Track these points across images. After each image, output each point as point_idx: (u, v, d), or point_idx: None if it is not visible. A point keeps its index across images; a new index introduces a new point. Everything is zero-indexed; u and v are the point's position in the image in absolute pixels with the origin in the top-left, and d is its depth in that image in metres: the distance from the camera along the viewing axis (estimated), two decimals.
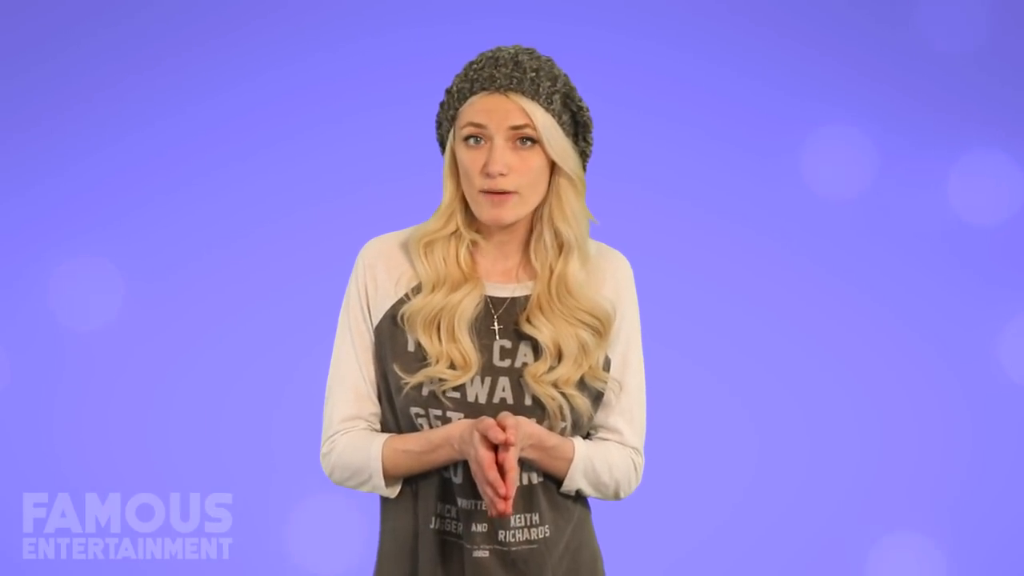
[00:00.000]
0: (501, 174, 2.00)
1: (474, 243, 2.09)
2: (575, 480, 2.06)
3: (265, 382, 3.72)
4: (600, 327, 2.06)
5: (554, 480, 2.07)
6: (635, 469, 2.12)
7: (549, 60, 2.07)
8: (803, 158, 3.80)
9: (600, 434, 2.12)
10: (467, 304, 2.04)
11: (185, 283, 3.73)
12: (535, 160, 2.03)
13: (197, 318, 3.73)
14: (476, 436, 1.94)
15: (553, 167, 2.05)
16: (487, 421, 1.94)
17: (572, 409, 2.04)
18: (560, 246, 2.06)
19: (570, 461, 2.05)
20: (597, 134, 2.10)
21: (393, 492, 2.08)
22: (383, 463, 2.05)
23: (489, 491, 1.93)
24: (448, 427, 2.01)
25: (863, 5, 3.80)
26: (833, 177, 3.80)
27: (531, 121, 2.01)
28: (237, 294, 3.73)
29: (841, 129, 3.80)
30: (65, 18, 3.73)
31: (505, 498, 1.92)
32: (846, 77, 3.80)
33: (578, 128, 2.07)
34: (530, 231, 2.09)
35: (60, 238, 3.72)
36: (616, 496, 2.12)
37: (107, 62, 3.73)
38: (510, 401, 2.02)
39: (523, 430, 1.98)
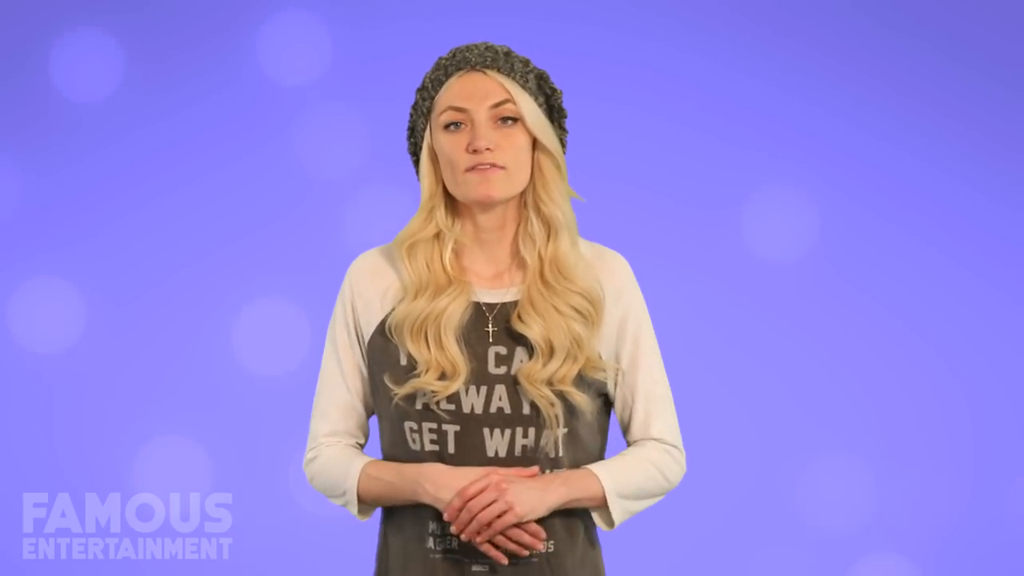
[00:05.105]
0: (488, 148, 1.97)
1: (461, 247, 2.05)
2: (616, 502, 2.02)
3: (265, 382, 3.72)
4: (591, 312, 2.01)
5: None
6: (669, 455, 2.07)
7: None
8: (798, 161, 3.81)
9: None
10: (453, 309, 1.99)
11: (186, 282, 3.73)
12: (518, 137, 2.00)
13: (196, 318, 3.73)
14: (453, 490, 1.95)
15: (534, 148, 2.03)
16: (471, 489, 1.93)
17: (571, 411, 2.00)
18: (548, 229, 2.03)
19: (600, 490, 2.01)
20: (592, 132, 2.09)
21: (364, 517, 2.07)
22: (358, 485, 2.03)
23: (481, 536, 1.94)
24: (423, 466, 1.98)
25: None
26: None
27: (511, 96, 1.99)
28: (238, 291, 3.74)
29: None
30: (24, 31, 3.75)
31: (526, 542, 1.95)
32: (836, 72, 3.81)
33: (553, 113, 2.05)
34: (516, 226, 2.05)
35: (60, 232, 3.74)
36: (670, 484, 2.07)
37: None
38: (507, 411, 1.98)
39: (515, 489, 1.95)
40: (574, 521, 2.04)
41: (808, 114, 3.80)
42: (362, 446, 2.12)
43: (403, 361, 2.01)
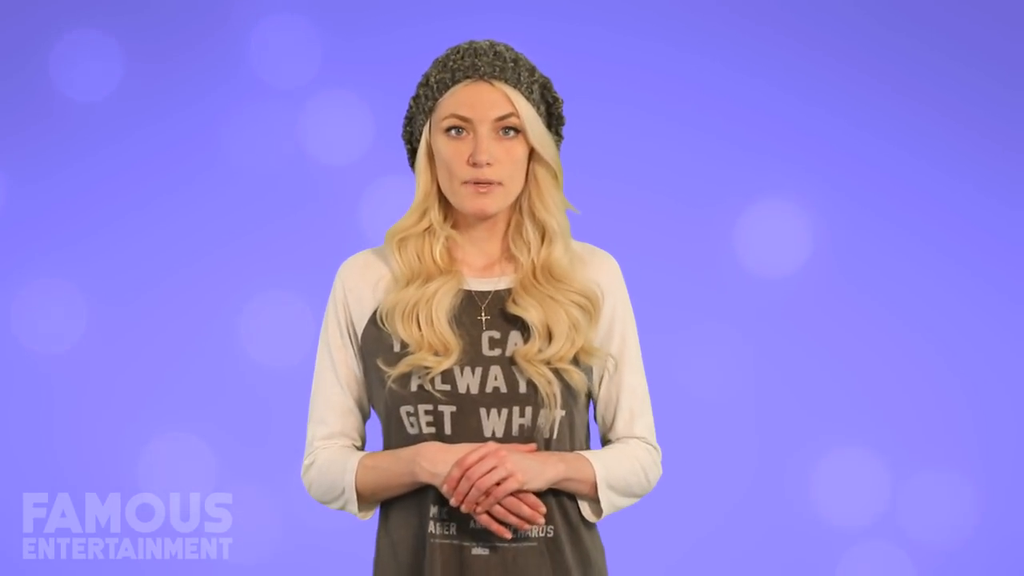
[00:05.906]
0: (488, 164, 1.98)
1: (452, 242, 2.06)
2: (605, 492, 2.02)
3: (265, 382, 3.72)
4: (589, 307, 2.03)
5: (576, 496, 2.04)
6: (651, 456, 2.08)
7: (522, 55, 2.07)
8: (800, 164, 3.81)
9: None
10: (443, 293, 2.01)
11: (187, 282, 3.74)
12: (518, 150, 2.01)
13: (197, 317, 3.73)
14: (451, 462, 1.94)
15: (531, 157, 2.04)
16: (470, 457, 1.92)
17: (568, 390, 2.01)
18: (542, 236, 2.04)
19: (592, 475, 2.01)
20: (586, 130, 2.09)
21: (365, 515, 2.06)
22: (356, 479, 2.02)
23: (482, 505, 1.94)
24: (419, 446, 1.98)
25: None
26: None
27: (515, 109, 2.00)
28: (238, 290, 3.74)
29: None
30: (24, 34, 3.76)
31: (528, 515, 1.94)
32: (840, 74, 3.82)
33: (552, 120, 2.06)
34: (507, 224, 2.07)
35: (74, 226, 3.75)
36: (650, 485, 2.08)
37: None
38: (503, 390, 1.99)
39: (515, 458, 1.94)
40: (572, 508, 2.04)
41: (808, 114, 3.80)
42: (360, 449, 2.12)
43: (396, 348, 2.02)
